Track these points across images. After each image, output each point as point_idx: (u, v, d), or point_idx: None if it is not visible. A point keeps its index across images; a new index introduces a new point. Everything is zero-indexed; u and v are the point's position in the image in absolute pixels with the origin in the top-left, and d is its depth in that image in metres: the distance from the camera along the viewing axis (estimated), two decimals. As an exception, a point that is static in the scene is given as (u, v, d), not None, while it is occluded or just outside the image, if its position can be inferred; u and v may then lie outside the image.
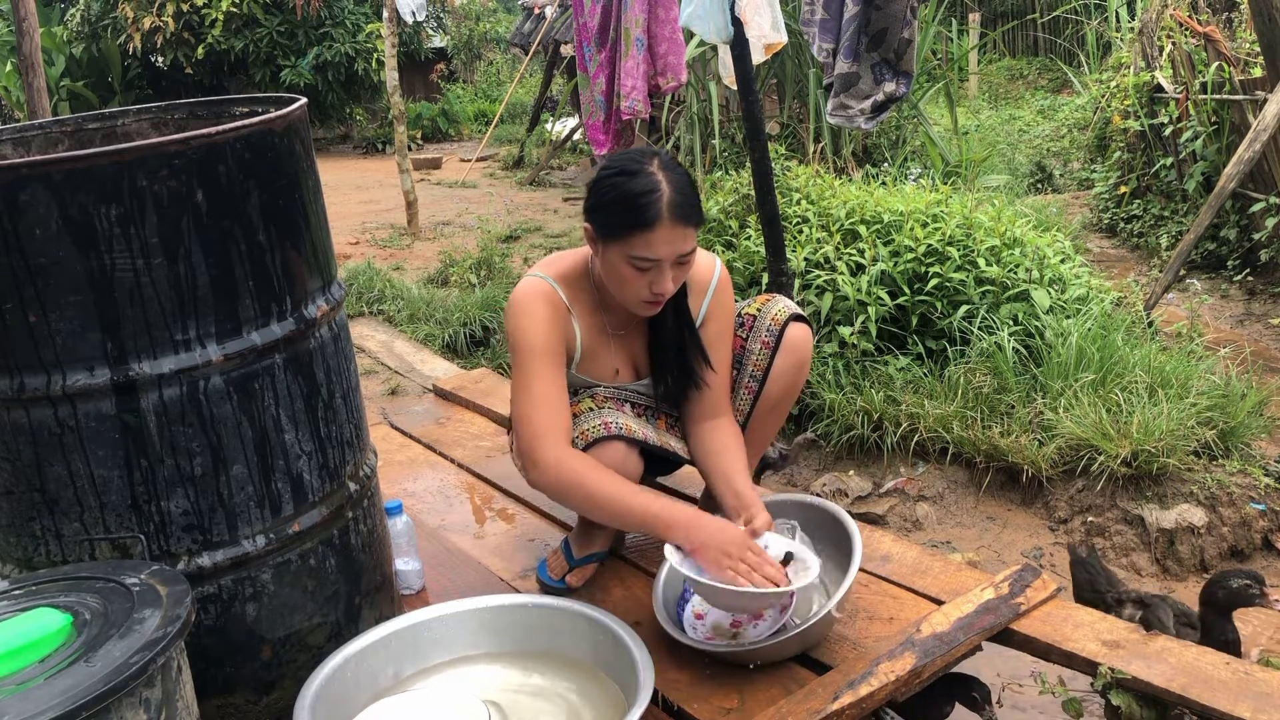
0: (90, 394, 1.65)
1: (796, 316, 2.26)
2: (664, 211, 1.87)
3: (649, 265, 1.92)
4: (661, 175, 1.89)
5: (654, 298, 1.97)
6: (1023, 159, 8.30)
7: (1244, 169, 4.68)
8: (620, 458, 2.07)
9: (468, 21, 16.65)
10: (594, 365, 2.19)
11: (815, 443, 2.94)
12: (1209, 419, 3.26)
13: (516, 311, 2.04)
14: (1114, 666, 1.83)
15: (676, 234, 1.89)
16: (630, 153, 1.97)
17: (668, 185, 1.88)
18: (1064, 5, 11.46)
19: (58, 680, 1.33)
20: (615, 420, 2.08)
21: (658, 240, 1.89)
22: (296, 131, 1.83)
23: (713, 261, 2.19)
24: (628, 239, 1.90)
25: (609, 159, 1.99)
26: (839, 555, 2.10)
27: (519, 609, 2.03)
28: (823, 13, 3.96)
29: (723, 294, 2.19)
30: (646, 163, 1.92)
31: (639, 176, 1.89)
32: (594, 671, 1.93)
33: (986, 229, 4.06)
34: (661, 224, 1.87)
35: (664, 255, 1.91)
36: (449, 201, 9.55)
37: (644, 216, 1.87)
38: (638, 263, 1.92)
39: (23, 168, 1.55)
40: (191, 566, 1.76)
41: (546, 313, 2.03)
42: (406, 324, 5.56)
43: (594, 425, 2.07)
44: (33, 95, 4.92)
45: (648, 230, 1.88)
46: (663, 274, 1.93)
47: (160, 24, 12.09)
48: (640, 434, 2.11)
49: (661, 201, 1.87)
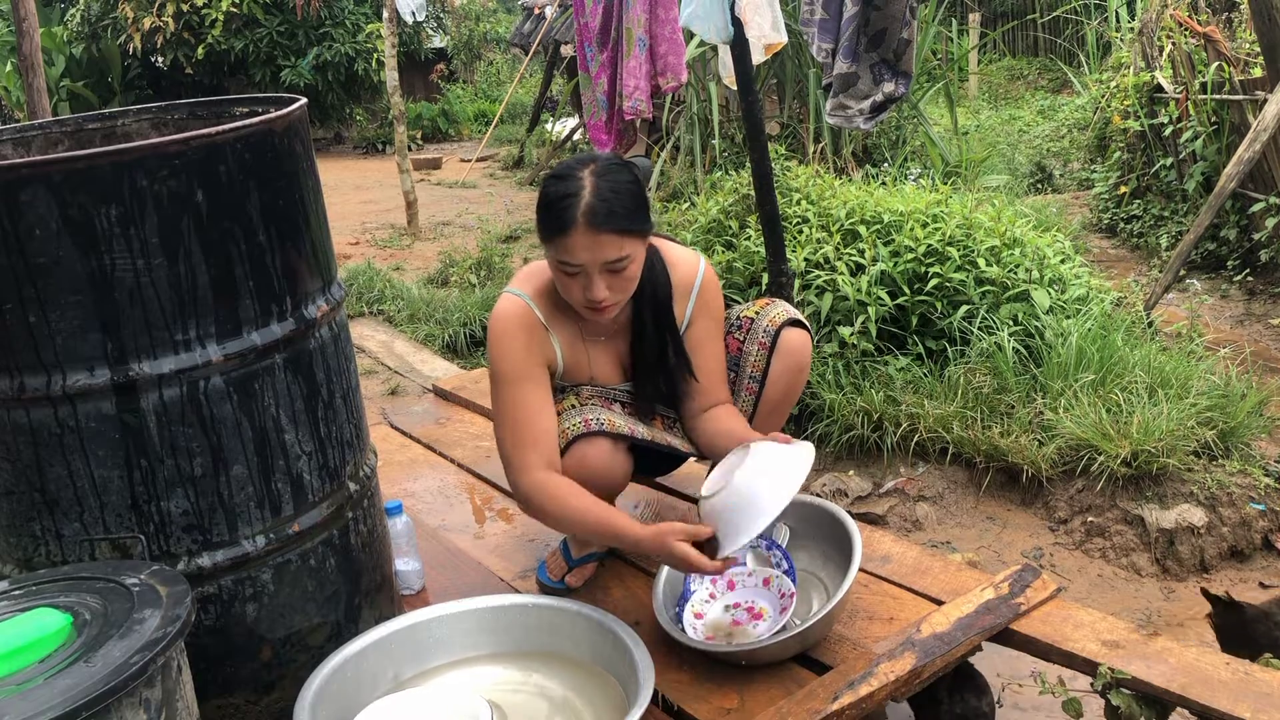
0: (90, 394, 1.65)
1: (794, 321, 2.25)
2: (578, 217, 1.86)
3: (574, 270, 1.92)
4: (588, 181, 1.88)
5: (590, 304, 1.96)
6: (1023, 159, 8.29)
7: (1244, 169, 4.68)
8: (604, 453, 2.07)
9: (468, 21, 16.64)
10: (578, 374, 2.18)
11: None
12: (1209, 419, 3.25)
13: (492, 340, 2.06)
14: (1114, 666, 1.83)
15: (594, 240, 1.87)
16: (574, 158, 1.97)
17: (590, 191, 1.87)
18: (1064, 5, 11.46)
19: (58, 680, 1.33)
20: (596, 416, 2.08)
21: (574, 246, 1.88)
22: (296, 131, 1.83)
23: (696, 262, 2.18)
24: (550, 242, 1.92)
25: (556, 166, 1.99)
26: (839, 555, 2.10)
27: (519, 609, 2.03)
28: (822, 13, 3.96)
29: (707, 294, 2.18)
30: (579, 169, 1.91)
31: (565, 181, 1.89)
32: (594, 671, 1.93)
33: (986, 229, 4.05)
34: (576, 229, 1.86)
35: (584, 260, 1.90)
36: (449, 201, 9.55)
37: (558, 221, 1.87)
38: (564, 267, 1.92)
39: (23, 168, 1.56)
40: (191, 567, 1.76)
41: (521, 338, 2.04)
42: (406, 324, 5.56)
43: (575, 423, 2.07)
44: (33, 95, 4.92)
45: (563, 235, 1.88)
46: (591, 280, 1.92)
47: (160, 24, 12.09)
48: (626, 429, 2.10)
49: (577, 207, 1.86)
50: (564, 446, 2.06)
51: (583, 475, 2.04)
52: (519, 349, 2.04)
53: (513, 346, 2.03)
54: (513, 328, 2.04)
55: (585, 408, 2.11)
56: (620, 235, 1.90)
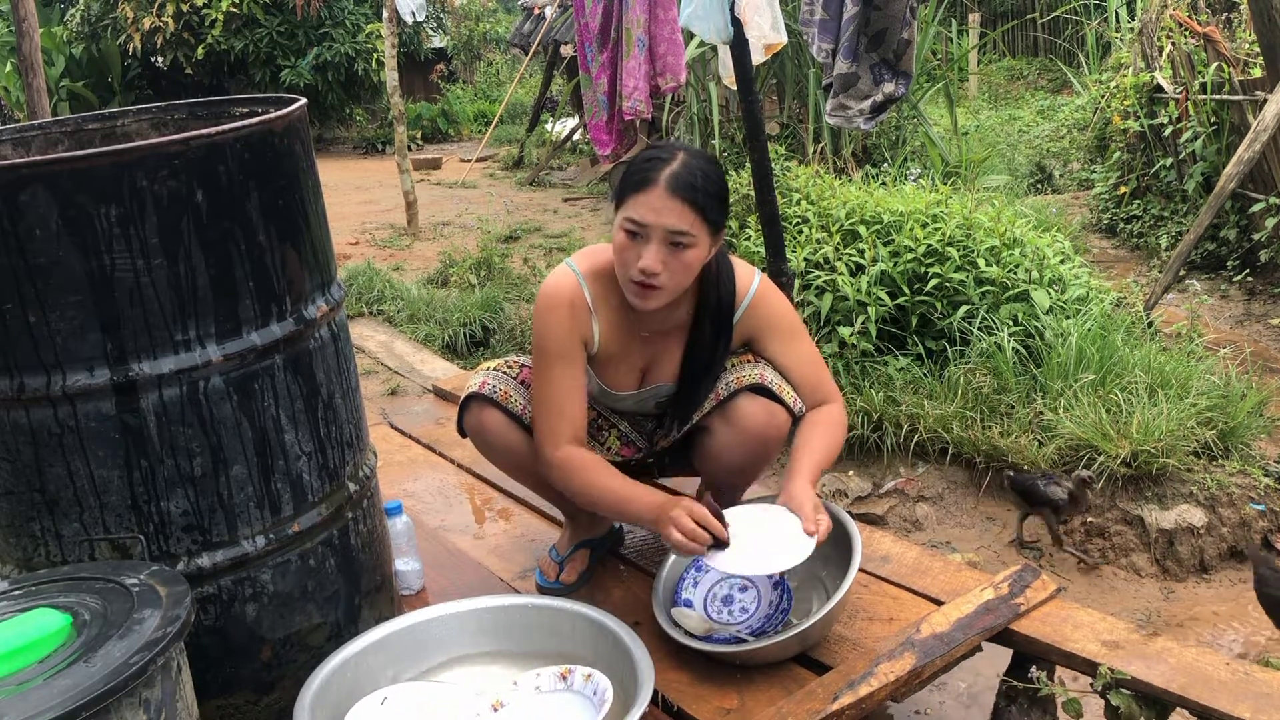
0: (90, 394, 1.64)
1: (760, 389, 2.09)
2: (661, 178, 1.90)
3: (638, 230, 1.92)
4: (680, 154, 1.94)
5: (641, 277, 1.93)
6: (1022, 159, 8.29)
7: (1244, 169, 4.68)
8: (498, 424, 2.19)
9: (468, 22, 16.65)
10: (608, 364, 2.17)
11: (1088, 482, 2.91)
12: (1209, 419, 3.25)
13: (539, 311, 2.08)
14: (1114, 667, 1.83)
15: (669, 204, 1.89)
16: (672, 142, 2.03)
17: (680, 162, 1.92)
18: (1064, 5, 11.46)
19: (57, 680, 1.33)
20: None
21: (649, 203, 1.90)
22: (296, 132, 1.83)
23: (751, 278, 2.13)
24: (625, 201, 1.94)
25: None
26: (839, 555, 2.10)
27: (519, 609, 2.03)
28: (822, 13, 3.96)
29: (759, 307, 2.12)
30: (677, 148, 1.97)
31: (659, 150, 1.96)
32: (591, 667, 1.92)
33: (986, 229, 4.05)
34: (655, 188, 1.90)
35: (652, 221, 1.90)
36: (449, 202, 9.55)
37: (641, 178, 1.92)
38: (629, 225, 1.93)
39: (23, 168, 1.56)
40: (191, 567, 1.75)
41: (564, 314, 2.06)
42: (406, 324, 5.55)
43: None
44: (33, 95, 4.92)
45: (641, 192, 1.91)
46: (650, 246, 1.91)
47: (160, 24, 12.09)
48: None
49: (663, 170, 1.91)
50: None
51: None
52: (563, 326, 2.05)
53: (558, 322, 2.05)
54: (561, 303, 2.06)
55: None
56: (694, 211, 1.91)
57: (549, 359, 2.06)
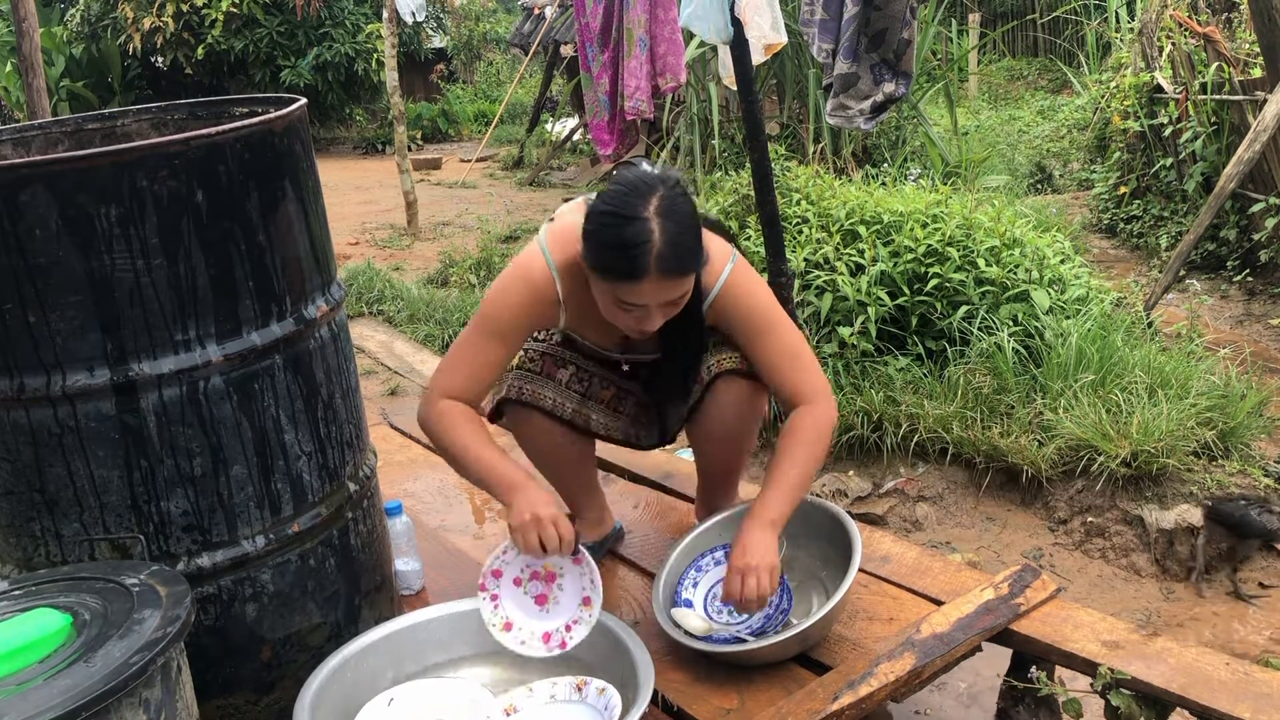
0: (90, 394, 1.65)
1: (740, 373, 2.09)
2: (651, 266, 1.76)
3: (634, 309, 1.85)
4: (656, 224, 1.75)
5: (641, 329, 1.91)
6: (1022, 159, 8.29)
7: (1244, 169, 4.68)
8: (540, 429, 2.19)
9: (468, 22, 16.65)
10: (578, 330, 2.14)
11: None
12: (1209, 419, 3.25)
13: (502, 286, 2.00)
14: (1114, 667, 1.83)
15: (663, 286, 1.80)
16: (631, 186, 1.80)
17: (660, 237, 1.75)
18: (1064, 5, 11.46)
19: (57, 680, 1.33)
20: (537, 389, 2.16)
21: (643, 291, 1.81)
22: (296, 132, 1.83)
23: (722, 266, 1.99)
24: (613, 284, 1.82)
25: (610, 188, 1.83)
26: (839, 555, 2.10)
27: (519, 609, 2.03)
28: (822, 13, 3.96)
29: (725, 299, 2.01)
30: (642, 207, 1.76)
31: (633, 224, 1.76)
32: (594, 671, 1.92)
33: (986, 229, 4.05)
34: (647, 278, 1.77)
35: (649, 302, 1.84)
36: (449, 202, 9.55)
37: (630, 269, 1.77)
38: (623, 305, 1.85)
39: (23, 168, 1.56)
40: (191, 567, 1.76)
41: (525, 307, 1.98)
42: (406, 324, 5.56)
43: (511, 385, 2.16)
44: (33, 95, 4.92)
45: (632, 283, 1.79)
46: (649, 315, 1.86)
47: (160, 24, 12.10)
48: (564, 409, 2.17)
49: (649, 256, 1.75)
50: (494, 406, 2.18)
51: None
52: (516, 315, 1.99)
53: (511, 309, 1.98)
54: (524, 293, 1.98)
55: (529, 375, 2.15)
56: (688, 276, 1.83)
57: (487, 331, 1.98)
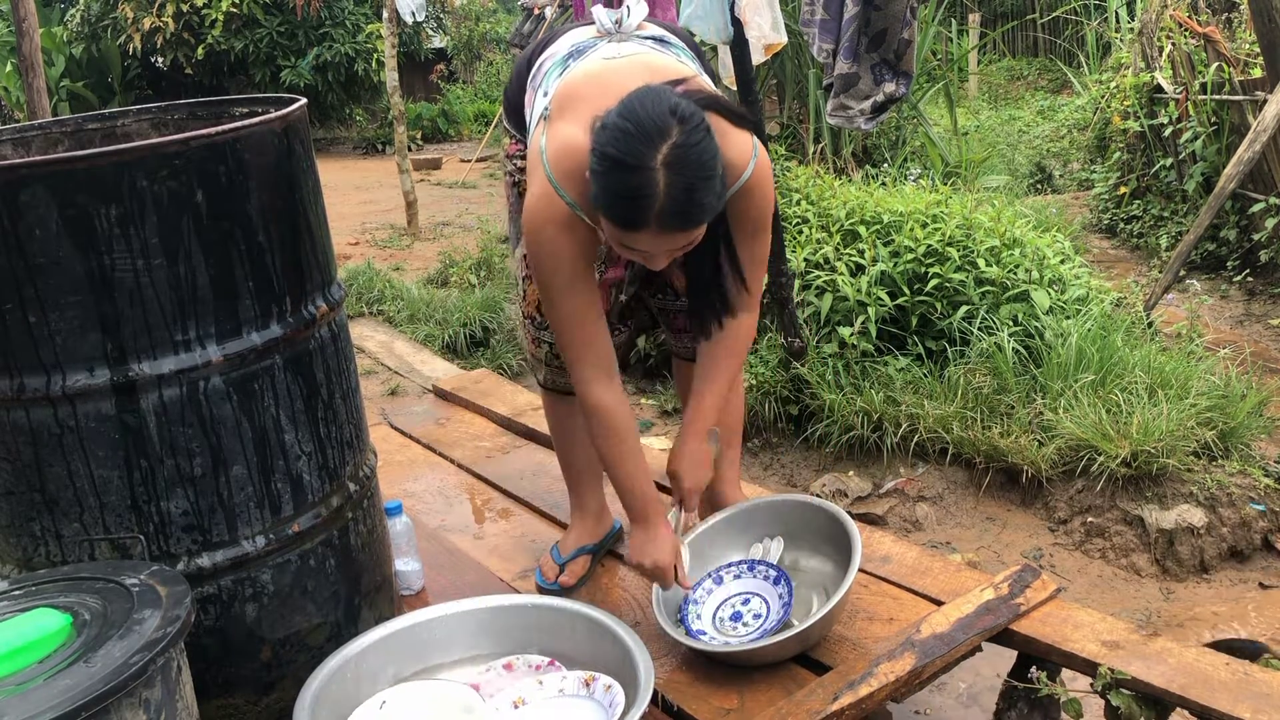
0: (90, 394, 1.65)
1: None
2: (651, 221, 1.65)
3: (636, 251, 1.76)
4: (662, 177, 1.61)
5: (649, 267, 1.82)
6: (1022, 159, 8.29)
7: (1244, 169, 4.68)
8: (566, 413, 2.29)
9: (468, 22, 16.63)
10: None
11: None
12: (1209, 419, 3.25)
13: (538, 247, 1.86)
14: (1114, 667, 1.83)
15: (664, 238, 1.69)
16: (640, 127, 1.62)
17: (664, 192, 1.61)
18: (1064, 5, 11.46)
19: (57, 680, 1.33)
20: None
21: (643, 240, 1.70)
22: (296, 132, 1.83)
23: (746, 160, 1.86)
24: (615, 227, 1.71)
25: (621, 118, 1.64)
26: (839, 555, 2.10)
27: (519, 609, 2.03)
28: (823, 13, 3.96)
29: (741, 198, 1.88)
30: (649, 155, 1.61)
31: (635, 174, 1.62)
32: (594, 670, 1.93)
33: (986, 229, 4.05)
34: (647, 229, 1.66)
35: (649, 249, 1.74)
36: (449, 202, 9.55)
37: (630, 219, 1.66)
38: (625, 246, 1.76)
39: (23, 168, 1.56)
40: (191, 567, 1.76)
41: (570, 246, 1.84)
42: (406, 324, 5.55)
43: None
44: (33, 95, 4.92)
45: (630, 231, 1.68)
46: (654, 258, 1.77)
47: (160, 24, 12.08)
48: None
49: (650, 211, 1.63)
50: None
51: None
52: (568, 258, 1.84)
53: (561, 256, 1.84)
54: (561, 235, 1.83)
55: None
56: (695, 226, 1.71)
57: (563, 294, 1.87)
